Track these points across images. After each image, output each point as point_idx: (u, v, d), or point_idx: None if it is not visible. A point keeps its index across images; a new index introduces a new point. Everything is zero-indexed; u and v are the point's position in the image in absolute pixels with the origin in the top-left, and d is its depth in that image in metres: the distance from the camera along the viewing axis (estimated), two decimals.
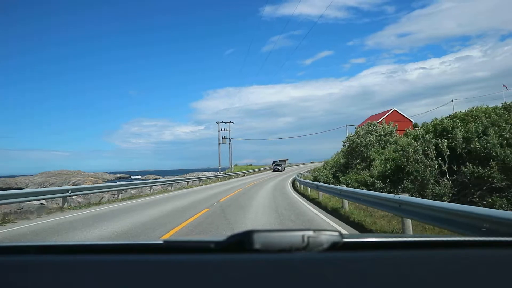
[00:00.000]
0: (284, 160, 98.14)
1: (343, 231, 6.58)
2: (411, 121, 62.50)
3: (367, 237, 1.17)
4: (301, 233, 0.94)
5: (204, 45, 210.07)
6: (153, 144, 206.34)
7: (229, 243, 0.98)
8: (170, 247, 1.08)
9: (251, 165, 75.65)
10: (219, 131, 49.65)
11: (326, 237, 0.95)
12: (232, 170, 48.36)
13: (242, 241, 0.95)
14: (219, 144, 49.38)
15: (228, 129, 49.44)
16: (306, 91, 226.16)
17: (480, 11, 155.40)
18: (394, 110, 64.34)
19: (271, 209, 10.98)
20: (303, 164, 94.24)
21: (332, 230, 1.00)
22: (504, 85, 42.72)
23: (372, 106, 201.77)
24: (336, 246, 0.96)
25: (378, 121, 59.25)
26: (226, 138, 49.31)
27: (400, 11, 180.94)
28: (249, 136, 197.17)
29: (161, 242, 1.09)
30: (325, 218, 9.18)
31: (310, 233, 0.94)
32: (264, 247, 0.92)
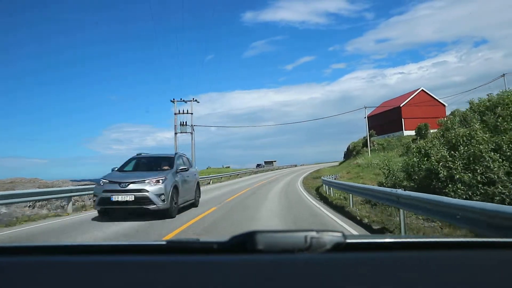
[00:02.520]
0: (272, 162, 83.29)
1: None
2: (444, 105, 48.64)
3: (370, 238, 1.23)
4: (304, 233, 0.95)
5: (185, 50, 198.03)
6: (135, 150, 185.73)
7: (232, 244, 0.99)
8: (173, 247, 1.09)
9: (228, 167, 59.54)
10: (175, 114, 33.25)
11: (329, 238, 0.95)
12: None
13: (244, 242, 0.95)
14: (175, 134, 33.01)
15: (189, 112, 33.25)
16: (288, 96, 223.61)
17: (455, 19, 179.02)
18: (422, 90, 48.39)
19: None
20: (295, 166, 79.19)
21: (335, 230, 1.00)
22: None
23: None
24: (339, 247, 0.95)
25: (403, 104, 42.86)
26: (186, 125, 33.01)
27: (378, 18, 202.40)
28: (234, 141, 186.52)
29: (163, 242, 1.10)
30: None
31: (313, 233, 0.95)
32: (267, 248, 0.93)
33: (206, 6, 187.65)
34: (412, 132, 42.61)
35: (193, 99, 33.78)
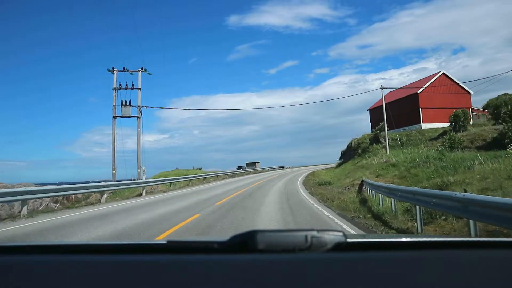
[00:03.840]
0: (254, 164, 73.35)
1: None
2: (469, 92, 39.83)
3: (370, 238, 1.25)
4: (304, 233, 0.95)
5: (168, 53, 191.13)
6: (117, 153, 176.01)
7: (233, 243, 0.98)
8: (174, 247, 1.08)
9: (200, 169, 49.19)
10: (114, 89, 22.92)
11: (330, 237, 0.96)
12: (143, 177, 21.76)
13: (245, 241, 0.95)
14: (113, 118, 22.66)
15: (136, 87, 23.02)
16: (271, 99, 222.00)
17: (434, 27, 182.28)
18: (443, 74, 37.66)
19: None
20: (283, 168, 69.45)
21: (336, 230, 1.01)
22: None
23: (336, 115, 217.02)
24: (340, 247, 0.96)
25: (422, 88, 33.15)
26: (130, 105, 22.75)
27: (361, 24, 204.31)
28: (216, 145, 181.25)
29: (164, 242, 1.09)
30: None
31: (314, 233, 0.95)
32: (268, 247, 0.93)
33: (190, 9, 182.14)
34: (434, 125, 33.77)
35: (142, 68, 23.46)
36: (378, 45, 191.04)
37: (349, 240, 0.98)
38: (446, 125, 32.46)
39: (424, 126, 34.94)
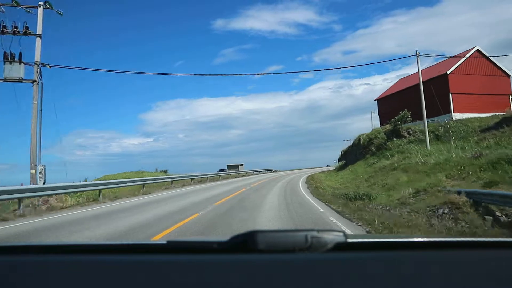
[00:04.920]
0: (237, 166, 64.36)
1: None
2: (508, 75, 31.47)
3: (370, 238, 1.17)
4: (304, 233, 0.94)
5: (154, 56, 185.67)
6: (100, 156, 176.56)
7: (233, 244, 0.98)
8: (174, 247, 1.09)
9: (166, 171, 39.76)
10: None
11: (330, 237, 0.96)
12: (39, 181, 12.25)
13: (245, 242, 0.95)
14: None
15: (34, 33, 13.85)
16: (256, 104, 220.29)
17: (416, 34, 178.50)
18: (477, 50, 27.57)
19: None
20: (271, 171, 60.57)
21: (336, 230, 1.01)
22: None
23: (320, 120, 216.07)
24: (340, 247, 0.96)
25: (451, 70, 23.95)
26: (18, 61, 13.57)
27: (346, 30, 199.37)
28: (201, 148, 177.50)
29: (164, 242, 1.10)
30: None
31: (314, 233, 0.95)
32: (268, 247, 0.93)
33: (176, 12, 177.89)
34: (469, 115, 25.74)
35: (46, 3, 14.35)
36: (362, 51, 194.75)
37: (349, 240, 0.99)
38: (486, 115, 24.54)
39: (456, 116, 26.85)
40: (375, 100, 38.14)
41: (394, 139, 25.70)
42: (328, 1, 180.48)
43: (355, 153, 32.83)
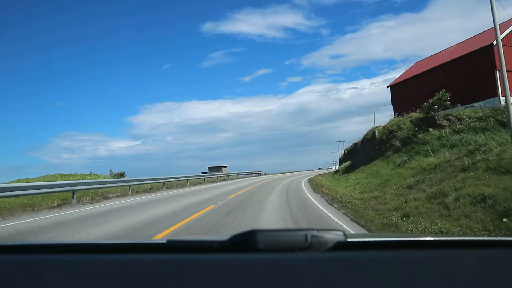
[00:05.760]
0: (220, 168, 56.84)
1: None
2: None
3: (370, 237, 1.29)
4: (304, 232, 0.94)
5: (142, 58, 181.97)
6: (87, 160, 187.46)
7: (233, 243, 0.98)
8: (174, 246, 1.08)
9: (122, 173, 31.89)
10: None
11: (330, 236, 0.95)
12: None
13: (245, 241, 0.95)
14: None
15: None
16: (245, 107, 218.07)
17: (402, 38, 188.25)
18: None
19: None
20: (260, 174, 53.00)
21: (335, 229, 1.00)
22: None
23: (308, 123, 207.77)
24: (340, 246, 0.95)
25: (505, 35, 13.96)
26: None
27: (334, 34, 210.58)
28: (190, 151, 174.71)
29: (164, 241, 1.09)
30: None
31: (314, 232, 0.94)
32: (268, 246, 0.92)
33: (165, 14, 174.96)
34: None
35: None
36: (350, 55, 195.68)
37: (349, 240, 0.98)
38: None
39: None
40: (387, 87, 31.29)
41: (430, 129, 18.72)
42: (317, 5, 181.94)
43: (366, 150, 25.82)
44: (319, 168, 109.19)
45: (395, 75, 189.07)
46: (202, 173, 47.91)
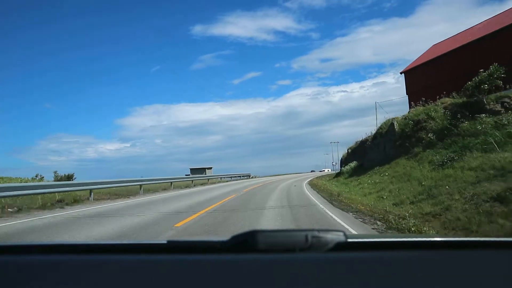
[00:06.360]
0: (203, 169, 51.21)
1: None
2: None
3: (371, 237, 1.25)
4: (305, 233, 0.94)
5: (130, 60, 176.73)
6: (75, 162, 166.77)
7: (233, 243, 0.97)
8: (174, 247, 1.08)
9: (69, 176, 26.15)
10: None
11: (330, 237, 0.95)
12: None
13: (246, 241, 0.94)
14: None
15: None
16: (234, 110, 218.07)
17: (391, 43, 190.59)
18: None
19: None
20: (249, 177, 47.38)
21: (336, 230, 1.00)
22: None
23: (298, 126, 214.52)
24: (341, 246, 0.95)
25: None
26: None
27: (323, 38, 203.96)
28: (179, 154, 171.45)
29: (164, 242, 1.09)
30: None
31: (315, 233, 0.94)
32: (268, 247, 0.92)
33: (155, 16, 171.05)
34: None
35: None
36: (339, 59, 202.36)
37: (349, 240, 0.98)
38: None
39: None
40: (401, 73, 26.44)
41: (482, 115, 13.78)
42: (307, 9, 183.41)
43: (381, 148, 20.89)
44: (312, 171, 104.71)
45: (384, 79, 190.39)
46: (186, 175, 42.58)
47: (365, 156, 23.95)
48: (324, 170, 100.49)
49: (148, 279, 0.85)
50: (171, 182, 25.74)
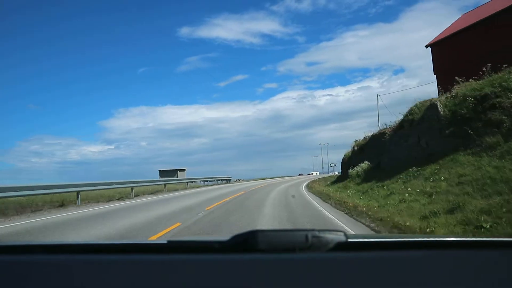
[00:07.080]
0: (175, 171, 43.83)
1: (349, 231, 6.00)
2: None
3: (371, 238, 1.14)
4: (305, 233, 0.94)
5: (116, 62, 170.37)
6: (57, 164, 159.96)
7: (233, 243, 0.98)
8: (174, 247, 1.08)
9: None
10: None
11: (331, 237, 0.95)
12: None
13: (246, 241, 0.94)
14: None
15: None
16: (221, 112, 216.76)
17: (376, 48, 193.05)
18: None
19: None
20: (229, 180, 40.58)
21: (336, 230, 1.00)
22: None
23: (284, 130, 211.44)
24: (341, 246, 0.95)
25: None
26: None
27: (309, 42, 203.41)
28: (164, 157, 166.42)
29: (164, 242, 1.09)
30: None
31: (315, 233, 0.94)
32: (268, 247, 0.92)
33: (142, 18, 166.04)
34: None
35: None
36: (325, 62, 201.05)
37: (350, 240, 0.98)
38: None
39: None
40: (426, 47, 20.51)
41: None
42: (293, 13, 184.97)
43: (410, 141, 14.88)
44: (300, 174, 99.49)
45: (369, 83, 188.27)
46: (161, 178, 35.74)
47: (382, 154, 17.93)
48: (312, 173, 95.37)
49: (149, 279, 0.85)
50: (131, 187, 19.03)
